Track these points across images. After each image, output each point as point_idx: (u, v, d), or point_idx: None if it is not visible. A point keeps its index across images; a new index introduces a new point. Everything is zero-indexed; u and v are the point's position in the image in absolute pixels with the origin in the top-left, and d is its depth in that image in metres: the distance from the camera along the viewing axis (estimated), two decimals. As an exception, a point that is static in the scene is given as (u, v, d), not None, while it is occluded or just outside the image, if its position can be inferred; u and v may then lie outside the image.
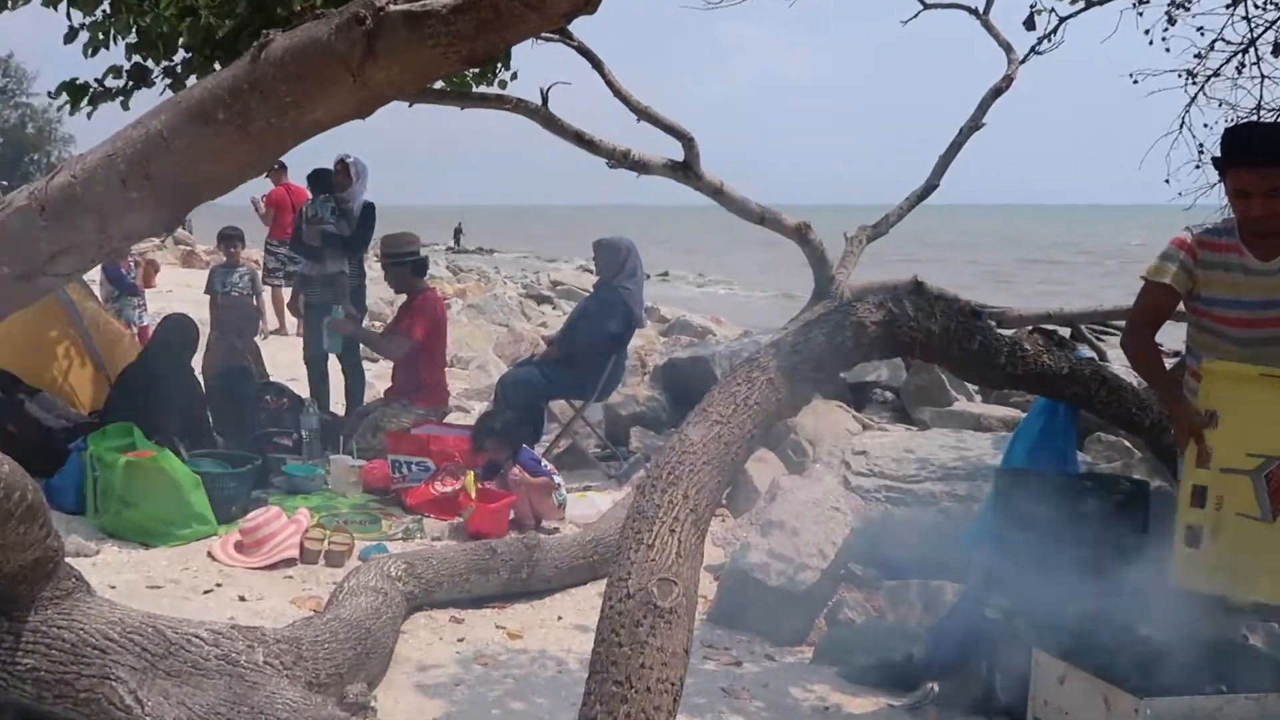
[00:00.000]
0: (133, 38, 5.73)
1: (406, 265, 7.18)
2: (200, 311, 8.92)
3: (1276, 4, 6.07)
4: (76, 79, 6.00)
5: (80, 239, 2.63)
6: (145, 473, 5.24)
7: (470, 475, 5.91)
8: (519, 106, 6.85)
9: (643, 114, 7.36)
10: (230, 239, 9.12)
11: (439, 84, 6.90)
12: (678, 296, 27.48)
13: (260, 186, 12.70)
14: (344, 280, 7.69)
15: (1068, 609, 3.53)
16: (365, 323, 7.90)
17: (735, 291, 32.67)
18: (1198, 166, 5.96)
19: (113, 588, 4.50)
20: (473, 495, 5.79)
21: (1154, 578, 4.01)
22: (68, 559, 3.61)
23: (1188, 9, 6.27)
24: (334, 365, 7.87)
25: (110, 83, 6.03)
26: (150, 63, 5.95)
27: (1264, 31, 6.07)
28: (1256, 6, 6.11)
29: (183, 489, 5.28)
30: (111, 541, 5.21)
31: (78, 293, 7.10)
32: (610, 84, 7.30)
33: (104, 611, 3.45)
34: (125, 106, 5.99)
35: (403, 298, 7.68)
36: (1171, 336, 4.57)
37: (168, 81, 6.02)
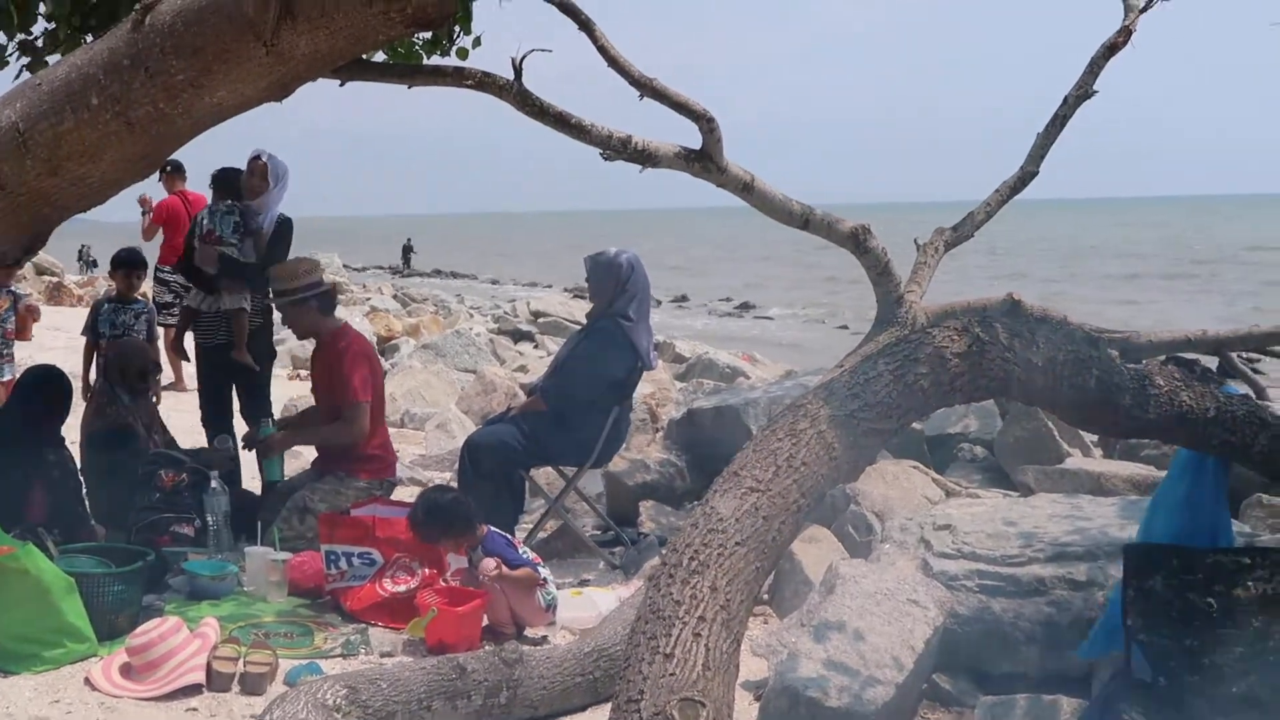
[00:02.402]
0: (-24, 5, 5.78)
1: (310, 301, 7.03)
2: (72, 360, 8.94)
3: None
4: (-101, 63, 6.05)
5: (-89, 267, 2.65)
6: (2, 575, 5.23)
7: (414, 622, 5.74)
8: (484, 83, 6.87)
9: (647, 88, 7.37)
10: (129, 264, 9.08)
11: (379, 55, 6.96)
12: (698, 328, 27.59)
13: (152, 192, 12.76)
14: (243, 319, 7.67)
15: (1225, 726, 3.52)
16: (281, 371, 7.86)
17: (774, 319, 32.76)
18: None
19: (-40, 728, 4.49)
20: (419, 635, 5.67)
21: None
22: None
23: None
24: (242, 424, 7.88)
25: (-51, 66, 6.08)
26: (1, 36, 6.00)
27: None
28: None
29: (52, 596, 5.27)
30: (-42, 667, 5.20)
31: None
32: (604, 50, 7.33)
33: (-51, 761, 3.45)
34: (-30, 97, 6.05)
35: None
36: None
37: (24, 61, 6.06)
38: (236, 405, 8.05)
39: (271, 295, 7.22)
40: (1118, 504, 6.16)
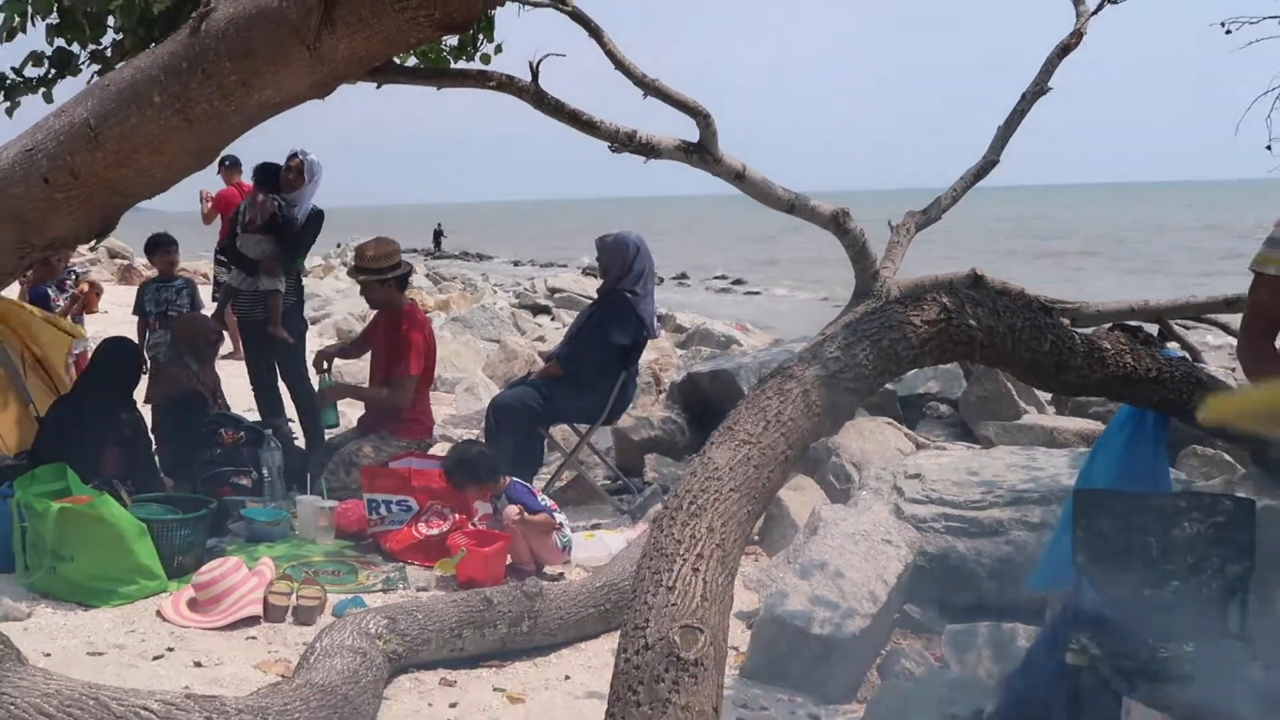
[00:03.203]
0: (54, 18, 5.75)
1: (391, 281, 7.11)
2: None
3: None
4: (-12, 69, 6.03)
5: (-1, 247, 2.64)
6: (82, 521, 5.25)
7: (443, 561, 5.76)
8: (505, 85, 6.85)
9: (649, 88, 7.35)
10: (160, 246, 9.02)
11: (412, 61, 6.93)
12: (696, 302, 27.55)
13: (211, 183, 12.74)
14: (278, 299, 7.67)
15: (1163, 651, 3.50)
16: (321, 343, 7.85)
17: (764, 294, 32.73)
18: (1310, 128, 5.92)
19: (47, 655, 4.51)
20: (449, 572, 5.69)
21: (1266, 611, 3.99)
22: (-6, 624, 3.63)
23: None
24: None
25: (30, 72, 6.05)
26: (75, 47, 5.97)
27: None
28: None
29: (126, 539, 5.29)
30: (45, 602, 5.21)
31: (10, 315, 7.10)
32: (611, 54, 7.30)
33: (38, 683, 3.46)
34: (48, 99, 6.01)
35: (372, 313, 7.65)
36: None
37: (96, 68, 6.03)
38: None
39: (358, 272, 7.23)
40: (1068, 455, 6.15)
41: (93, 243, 7.49)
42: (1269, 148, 6.07)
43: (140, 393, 6.99)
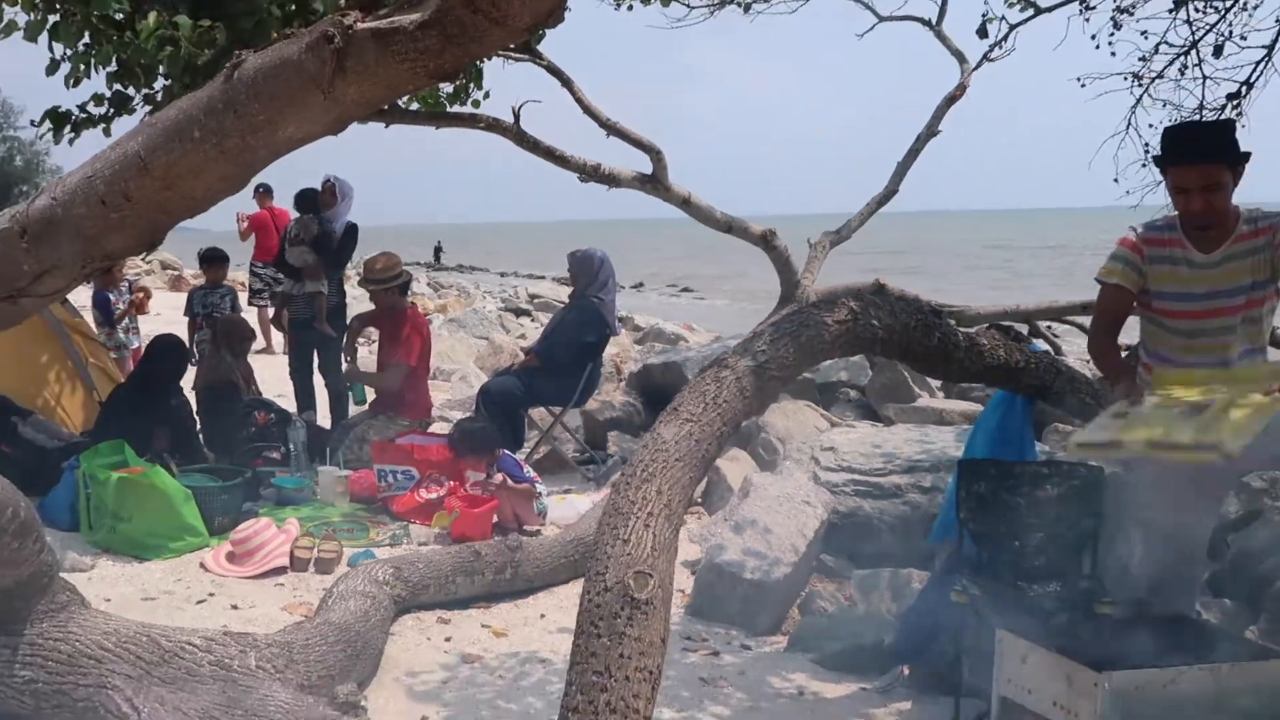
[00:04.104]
0: (113, 67, 5.67)
1: (395, 289, 7.11)
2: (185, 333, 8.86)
3: (1217, 8, 6.11)
4: (59, 107, 5.94)
5: (62, 259, 2.60)
6: (137, 488, 5.20)
7: (439, 514, 5.77)
8: (492, 125, 6.82)
9: (612, 129, 7.34)
10: (213, 260, 9.04)
11: (414, 105, 6.88)
12: (651, 305, 27.52)
13: (247, 206, 12.67)
14: (322, 300, 7.64)
15: (1029, 591, 3.54)
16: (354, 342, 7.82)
17: (706, 299, 32.74)
18: (1144, 165, 6.00)
19: (108, 600, 4.45)
20: (446, 525, 5.67)
21: (1111, 558, 4.03)
22: (62, 574, 3.58)
23: (1132, 14, 6.31)
24: (318, 378, 7.85)
25: (92, 109, 5.96)
26: (131, 90, 5.89)
27: (1205, 34, 6.12)
28: (1198, 10, 6.16)
29: (174, 503, 5.24)
30: (106, 556, 5.16)
31: (67, 317, 7.06)
32: (579, 100, 7.29)
33: (99, 623, 3.42)
34: (107, 133, 5.92)
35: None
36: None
37: (148, 108, 5.96)
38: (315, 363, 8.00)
39: (366, 282, 7.23)
40: (954, 431, 6.21)
41: (144, 255, 7.40)
42: (1116, 180, 6.14)
43: (187, 381, 6.93)
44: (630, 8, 8.17)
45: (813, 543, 5.06)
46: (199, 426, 6.75)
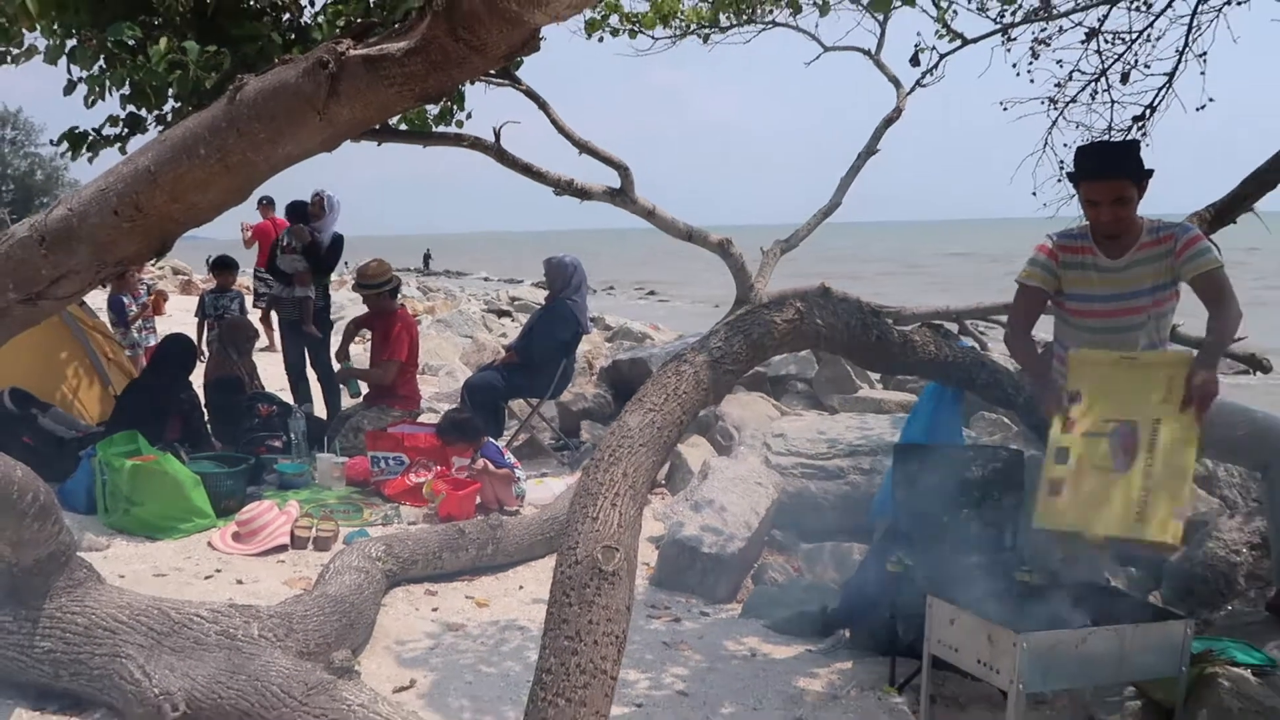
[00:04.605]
0: (126, 89, 5.60)
1: (386, 292, 7.09)
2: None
3: (1124, 39, 6.19)
4: (77, 128, 5.86)
5: (78, 265, 2.56)
6: (149, 474, 5.14)
7: (427, 484, 5.77)
8: (475, 144, 6.82)
9: (584, 148, 7.35)
10: (222, 266, 8.96)
11: (404, 125, 6.85)
12: (621, 307, 27.51)
13: (250, 216, 12.58)
14: (309, 304, 7.61)
15: (957, 561, 3.57)
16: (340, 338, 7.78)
17: (670, 301, 32.75)
18: (1059, 180, 6.06)
19: (122, 577, 4.40)
20: (434, 499, 5.66)
21: (1029, 531, 4.08)
22: (80, 553, 3.54)
23: (1048, 45, 6.38)
24: (311, 372, 7.81)
25: (107, 130, 5.89)
26: (144, 111, 5.82)
27: (1113, 63, 6.19)
28: (1107, 42, 6.23)
29: (184, 487, 5.18)
30: (120, 537, 5.09)
31: (84, 318, 6.97)
32: (554, 122, 7.29)
33: (113, 597, 3.39)
34: (122, 151, 5.86)
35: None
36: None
37: (160, 128, 5.89)
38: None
39: (360, 287, 7.19)
40: (891, 419, 6.25)
41: (154, 261, 7.33)
42: (1034, 193, 6.20)
43: (197, 377, 6.86)
44: (601, 39, 8.18)
45: (764, 520, 5.08)
46: (207, 418, 6.68)
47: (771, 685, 3.68)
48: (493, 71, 6.69)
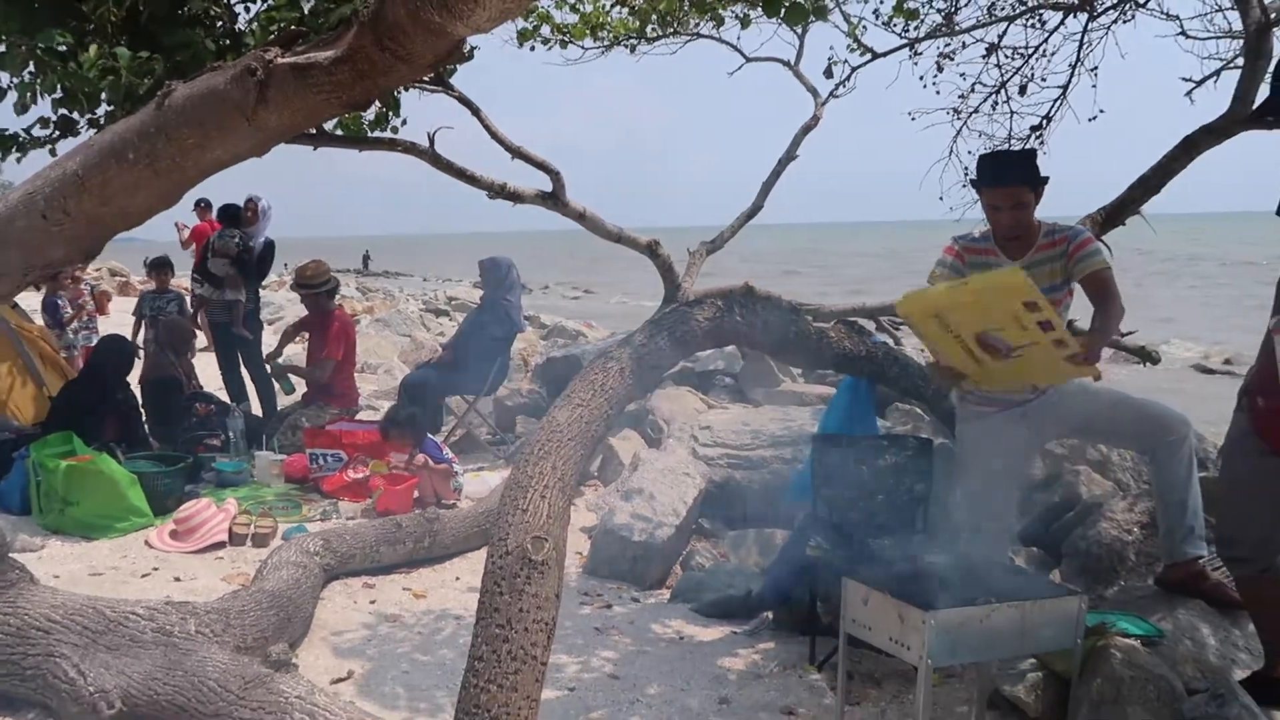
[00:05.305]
0: (58, 94, 5.41)
1: (323, 293, 6.98)
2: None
3: (1022, 54, 6.34)
4: (4, 130, 5.66)
5: (5, 267, 2.47)
6: (85, 474, 4.98)
7: (375, 463, 5.78)
8: (410, 148, 6.71)
9: (516, 153, 7.29)
10: (159, 267, 8.73)
11: (339, 130, 6.72)
12: (556, 305, 27.42)
13: (186, 219, 12.27)
14: (239, 308, 7.48)
15: (870, 544, 3.63)
16: (275, 339, 7.63)
17: (603, 300, 32.72)
18: (964, 186, 6.19)
19: (56, 577, 4.26)
20: (384, 472, 5.65)
21: (938, 515, 4.16)
22: (13, 554, 3.42)
23: (952, 59, 6.51)
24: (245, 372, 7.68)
25: (38, 132, 5.68)
26: (75, 114, 5.63)
27: (1012, 76, 6.34)
28: (1006, 56, 6.38)
29: (120, 486, 5.04)
30: (56, 537, 4.93)
31: (18, 320, 6.73)
32: (487, 127, 7.22)
33: (46, 597, 3.28)
34: (53, 153, 5.64)
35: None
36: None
37: (92, 131, 5.70)
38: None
39: (299, 287, 7.08)
40: (811, 410, 6.30)
41: (80, 266, 7.12)
42: (941, 198, 6.32)
43: (136, 376, 6.67)
44: (533, 48, 8.13)
45: (692, 508, 5.10)
46: (144, 418, 6.50)
47: (698, 666, 3.70)
48: (426, 78, 6.61)
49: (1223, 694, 2.93)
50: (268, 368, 7.27)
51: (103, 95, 5.44)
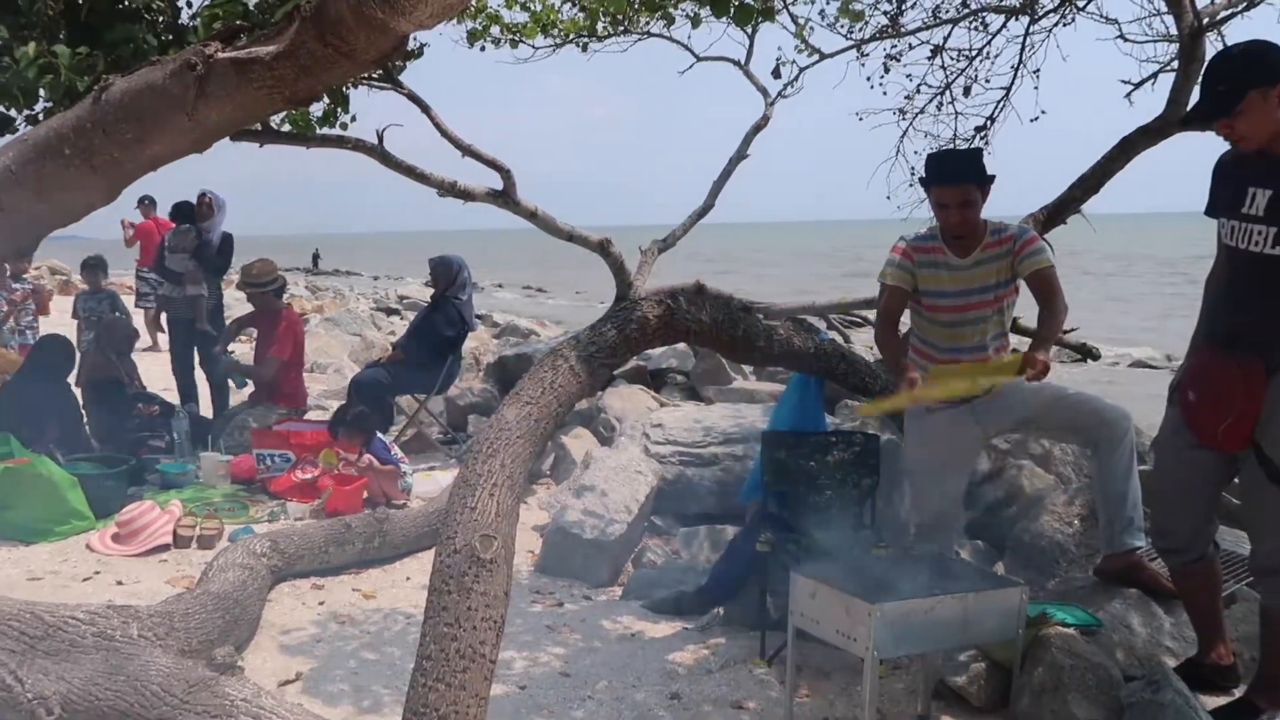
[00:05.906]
0: (-6, 90, 5.26)
1: (271, 292, 6.90)
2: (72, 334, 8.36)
3: (966, 55, 6.43)
4: (-63, 128, 5.49)
5: (-64, 265, 2.42)
6: (22, 477, 4.86)
7: (325, 451, 5.71)
8: (358, 146, 6.59)
9: (466, 151, 7.20)
10: (93, 267, 8.56)
11: (286, 127, 6.63)
12: (508, 304, 27.30)
13: (130, 215, 12.00)
14: (202, 302, 7.36)
15: (818, 538, 3.66)
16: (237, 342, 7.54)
17: (555, 299, 32.62)
18: (911, 185, 6.25)
19: (-6, 582, 4.16)
20: (333, 465, 5.59)
21: (885, 510, 4.21)
22: (-54, 559, 3.33)
23: (898, 60, 6.58)
24: (199, 374, 7.54)
25: (-28, 128, 5.53)
26: (13, 112, 5.49)
27: (957, 77, 6.42)
28: (951, 58, 6.46)
29: (60, 489, 4.93)
30: (-8, 542, 4.81)
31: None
32: (437, 125, 7.13)
33: (-19, 603, 3.19)
34: (-11, 150, 5.52)
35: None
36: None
37: (30, 128, 5.56)
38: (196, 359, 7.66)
39: (245, 286, 6.98)
40: (762, 408, 6.34)
41: (14, 260, 6.97)
42: (888, 197, 6.39)
43: (74, 377, 6.53)
44: (484, 48, 8.06)
45: (644, 506, 5.11)
46: (85, 419, 6.36)
47: (649, 662, 3.71)
48: (375, 75, 6.53)
49: (1158, 680, 3.00)
50: (224, 358, 7.18)
51: (41, 92, 5.31)
